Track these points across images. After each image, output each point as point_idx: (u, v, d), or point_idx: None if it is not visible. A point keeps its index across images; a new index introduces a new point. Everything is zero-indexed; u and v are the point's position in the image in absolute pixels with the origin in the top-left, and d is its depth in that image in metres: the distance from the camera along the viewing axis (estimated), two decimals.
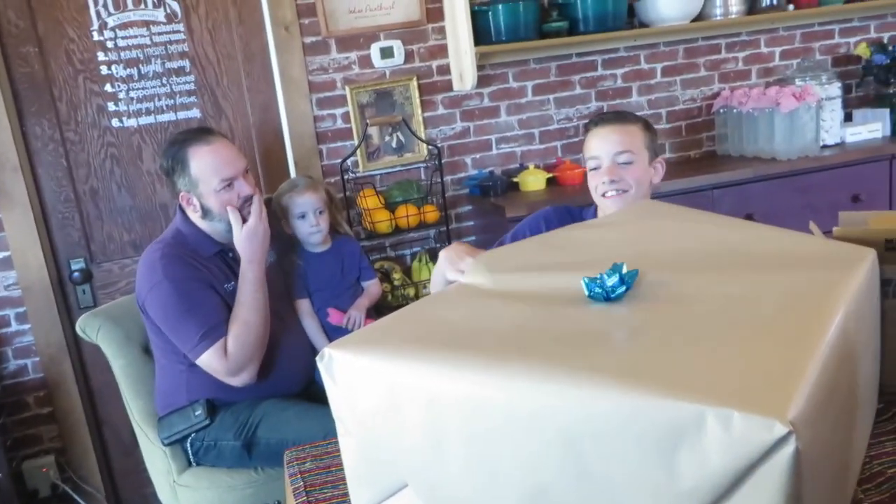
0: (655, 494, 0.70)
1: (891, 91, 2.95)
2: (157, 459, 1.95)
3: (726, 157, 2.91)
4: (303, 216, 2.05)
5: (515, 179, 2.64)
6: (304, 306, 2.06)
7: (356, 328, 2.06)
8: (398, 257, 2.72)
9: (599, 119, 1.75)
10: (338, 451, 1.29)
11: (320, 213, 2.06)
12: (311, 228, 2.05)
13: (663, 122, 2.93)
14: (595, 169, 1.70)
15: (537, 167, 2.69)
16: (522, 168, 2.71)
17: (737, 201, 2.62)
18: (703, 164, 2.88)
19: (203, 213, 1.86)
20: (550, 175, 2.64)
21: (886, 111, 2.92)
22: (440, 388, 0.82)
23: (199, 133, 1.88)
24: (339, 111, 2.59)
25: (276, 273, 2.06)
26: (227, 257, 1.92)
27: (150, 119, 2.48)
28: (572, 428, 0.73)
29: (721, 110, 2.89)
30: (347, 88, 2.56)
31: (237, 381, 1.81)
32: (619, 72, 2.83)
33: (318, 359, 1.01)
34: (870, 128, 2.89)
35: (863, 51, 2.98)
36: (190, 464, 1.93)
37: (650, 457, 0.69)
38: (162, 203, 2.53)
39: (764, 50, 2.98)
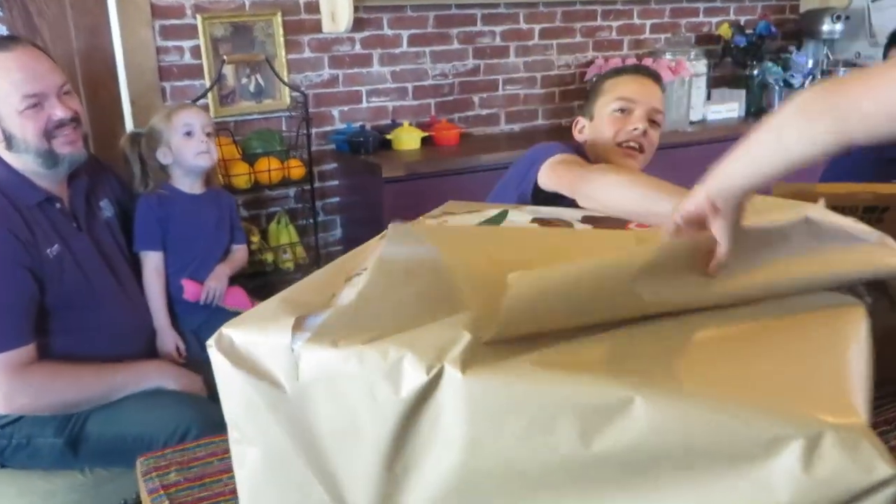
0: None
1: (747, 73, 3.05)
2: None
3: None
4: (189, 133, 1.71)
5: (388, 136, 2.41)
6: (152, 261, 1.70)
7: (217, 302, 1.75)
8: (252, 218, 2.41)
9: (639, 67, 1.62)
10: (210, 455, 1.05)
11: (209, 134, 1.73)
12: (201, 146, 1.71)
13: (538, 87, 2.82)
14: (622, 111, 1.48)
15: (411, 125, 2.48)
16: (395, 125, 2.48)
17: None
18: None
19: (7, 141, 1.47)
20: (426, 134, 2.45)
21: (743, 92, 3.01)
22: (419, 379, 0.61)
23: (1, 40, 1.50)
24: (187, 44, 2.21)
25: (115, 228, 1.70)
26: (52, 209, 1.54)
27: None
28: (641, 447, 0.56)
29: (594, 78, 2.83)
30: (199, 17, 2.19)
31: (3, 407, 1.46)
32: (498, 29, 2.68)
33: (210, 343, 0.76)
34: (728, 107, 2.97)
35: (724, 31, 3.04)
36: None
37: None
38: None
39: (636, 21, 2.96)
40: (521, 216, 1.16)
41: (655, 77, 1.55)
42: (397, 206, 2.23)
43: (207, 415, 1.48)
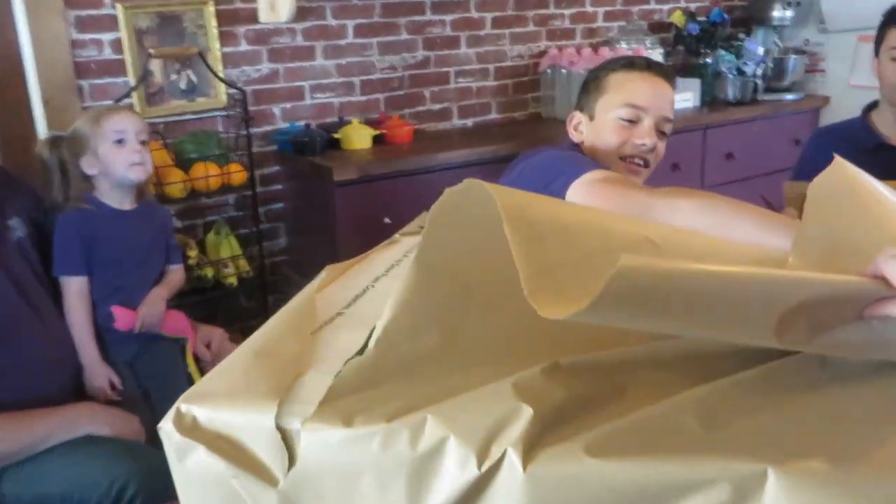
0: None
1: (700, 61, 2.97)
2: None
3: (552, 120, 2.73)
4: (120, 141, 1.48)
5: (336, 135, 2.22)
6: (75, 286, 1.47)
7: (153, 329, 1.54)
8: (187, 228, 2.18)
9: (651, 64, 1.32)
10: None
11: (143, 142, 1.51)
12: (134, 157, 1.49)
13: (491, 79, 2.67)
14: (631, 122, 1.27)
15: (360, 122, 2.29)
16: (342, 122, 2.29)
17: None
18: (530, 126, 2.69)
19: None
20: (378, 132, 2.26)
21: (698, 81, 2.93)
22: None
23: None
24: (107, 37, 1.97)
25: (28, 250, 1.46)
26: None
27: None
28: None
29: (548, 70, 2.71)
30: (119, 7, 1.95)
31: None
32: (449, 18, 2.51)
33: (164, 424, 0.57)
34: (683, 97, 2.88)
35: (677, 18, 2.96)
36: None
37: None
38: None
39: (589, 9, 2.84)
40: None
41: (668, 76, 1.32)
42: (350, 211, 2.04)
43: (149, 465, 1.27)
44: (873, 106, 1.83)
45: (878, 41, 1.72)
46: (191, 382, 1.63)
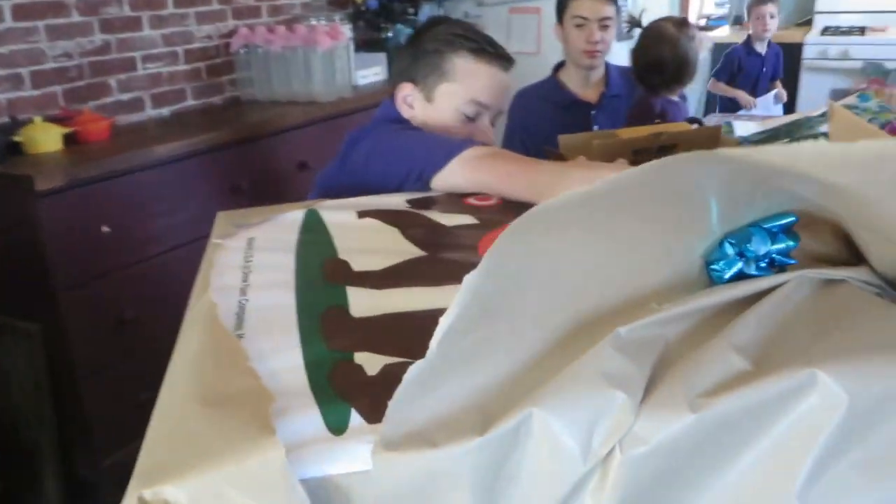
0: None
1: (382, 36, 3.08)
2: None
3: (253, 102, 2.62)
4: None
5: (17, 138, 1.85)
6: None
7: None
8: None
9: (500, 55, 1.22)
10: None
11: None
12: None
13: (182, 63, 2.45)
14: (471, 119, 1.21)
15: (44, 120, 1.93)
16: (18, 122, 1.91)
17: (290, 149, 2.38)
18: (234, 111, 2.54)
19: None
20: (69, 130, 1.94)
21: (384, 55, 3.03)
22: None
23: None
24: None
25: None
26: None
27: None
28: None
29: (242, 50, 2.57)
30: None
31: None
32: None
33: None
34: (373, 71, 2.97)
35: None
36: None
37: None
38: None
39: None
40: (338, 213, 0.96)
41: (510, 67, 1.25)
42: (61, 224, 1.73)
43: None
44: (560, 66, 2.09)
45: (561, 10, 1.96)
46: None
